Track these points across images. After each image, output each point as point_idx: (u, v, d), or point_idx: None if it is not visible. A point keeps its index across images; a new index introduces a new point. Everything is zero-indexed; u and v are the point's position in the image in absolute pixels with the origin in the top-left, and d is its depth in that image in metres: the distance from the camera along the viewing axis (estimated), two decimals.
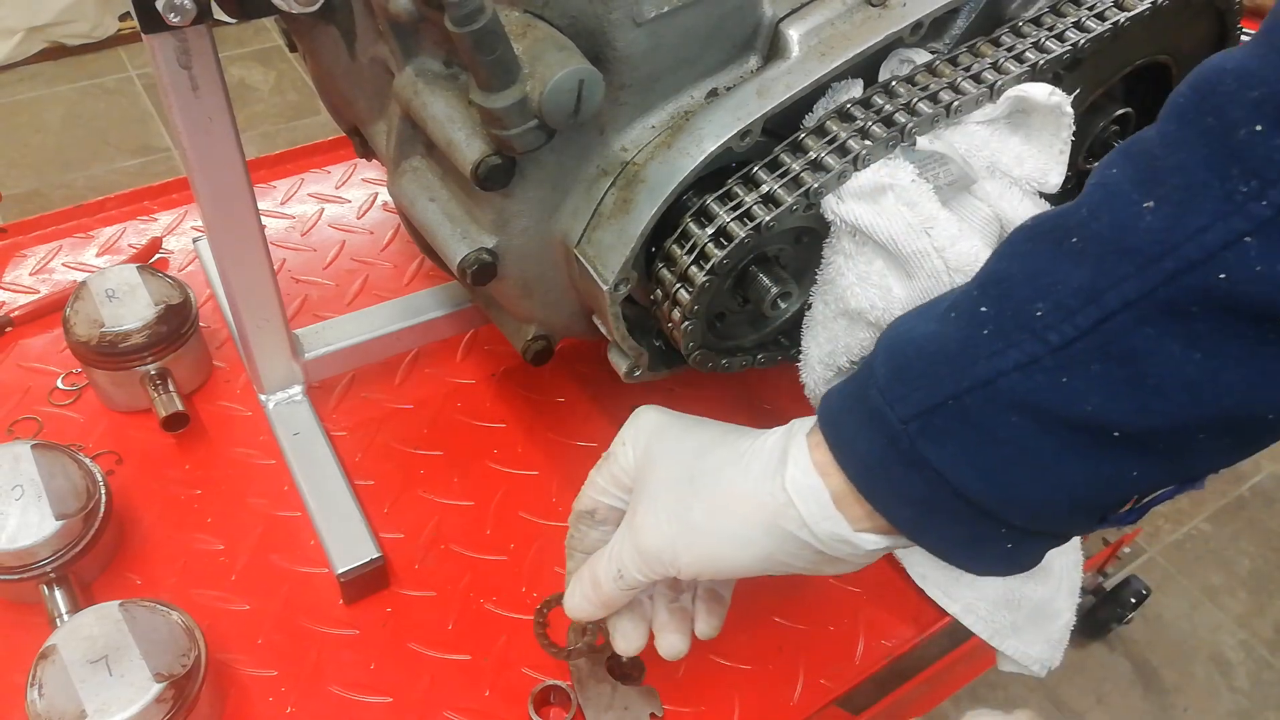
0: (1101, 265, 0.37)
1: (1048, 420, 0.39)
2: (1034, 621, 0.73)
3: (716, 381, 0.89)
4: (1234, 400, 0.37)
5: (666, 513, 0.51)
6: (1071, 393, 0.39)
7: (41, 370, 0.87)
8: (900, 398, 0.43)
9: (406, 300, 0.87)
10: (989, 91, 0.63)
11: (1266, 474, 1.99)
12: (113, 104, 2.69)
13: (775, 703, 0.70)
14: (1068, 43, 0.66)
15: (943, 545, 0.46)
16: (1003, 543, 0.44)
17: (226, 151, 0.64)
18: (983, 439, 0.41)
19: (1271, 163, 0.33)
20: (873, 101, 0.63)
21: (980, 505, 0.42)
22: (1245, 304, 0.35)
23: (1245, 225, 0.34)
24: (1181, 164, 0.36)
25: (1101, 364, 0.38)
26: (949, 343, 0.42)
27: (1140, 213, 0.37)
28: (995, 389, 0.40)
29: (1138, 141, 0.39)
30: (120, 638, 0.60)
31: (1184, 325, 0.36)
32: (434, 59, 0.62)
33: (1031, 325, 0.39)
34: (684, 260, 0.62)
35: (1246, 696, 1.66)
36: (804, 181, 0.60)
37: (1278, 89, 0.33)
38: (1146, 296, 0.36)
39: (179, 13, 0.52)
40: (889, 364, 0.44)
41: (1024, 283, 0.40)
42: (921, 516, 0.45)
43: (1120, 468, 0.40)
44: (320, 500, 0.75)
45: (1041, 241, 0.41)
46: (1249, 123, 0.34)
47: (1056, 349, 0.38)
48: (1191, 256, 0.35)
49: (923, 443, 0.42)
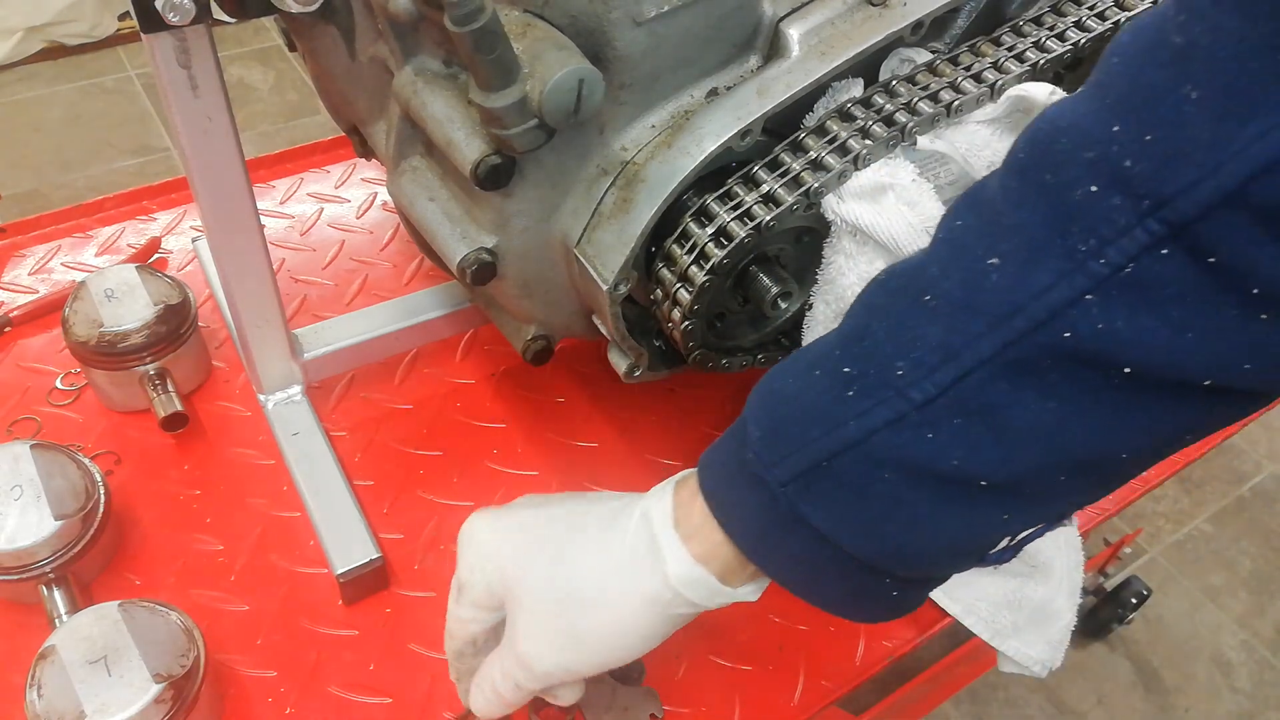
0: (955, 323, 0.39)
1: (918, 475, 0.40)
2: (1035, 622, 0.73)
3: (716, 381, 0.89)
4: (1090, 445, 0.39)
5: (551, 637, 0.51)
6: (938, 447, 0.40)
7: (40, 370, 0.87)
8: (776, 461, 0.44)
9: (406, 300, 0.87)
10: (990, 91, 0.63)
11: (1267, 474, 1.99)
12: (112, 104, 2.69)
13: (775, 703, 0.70)
14: (1068, 42, 0.66)
15: (832, 600, 0.47)
16: (888, 592, 0.45)
17: (226, 151, 0.64)
18: (859, 497, 0.42)
19: (1108, 221, 0.34)
20: (873, 101, 0.63)
21: (863, 560, 0.43)
22: (1091, 358, 0.36)
23: (1086, 283, 0.35)
24: (1023, 222, 0.37)
25: (963, 419, 0.39)
26: (818, 402, 0.43)
27: (987, 270, 0.38)
28: (866, 448, 0.41)
29: (982, 190, 0.41)
30: (119, 638, 0.60)
31: (1037, 379, 0.37)
32: (433, 58, 0.61)
33: (895, 383, 0.40)
34: (684, 260, 0.61)
35: (1248, 697, 1.66)
36: (804, 181, 0.60)
37: (1109, 150, 0.34)
38: (999, 354, 0.37)
39: (178, 12, 0.52)
40: (762, 425, 0.45)
41: (885, 341, 0.41)
42: (808, 576, 0.46)
43: (991, 514, 0.42)
44: (319, 500, 0.75)
45: (898, 297, 0.42)
46: (1085, 183, 0.35)
47: (920, 406, 0.39)
48: (1038, 316, 0.36)
49: (802, 505, 0.43)
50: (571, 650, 0.51)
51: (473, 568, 0.54)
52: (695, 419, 0.87)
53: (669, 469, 0.82)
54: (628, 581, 0.49)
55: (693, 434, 0.86)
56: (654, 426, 0.87)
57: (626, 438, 0.86)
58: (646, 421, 0.87)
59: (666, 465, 0.83)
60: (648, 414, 0.88)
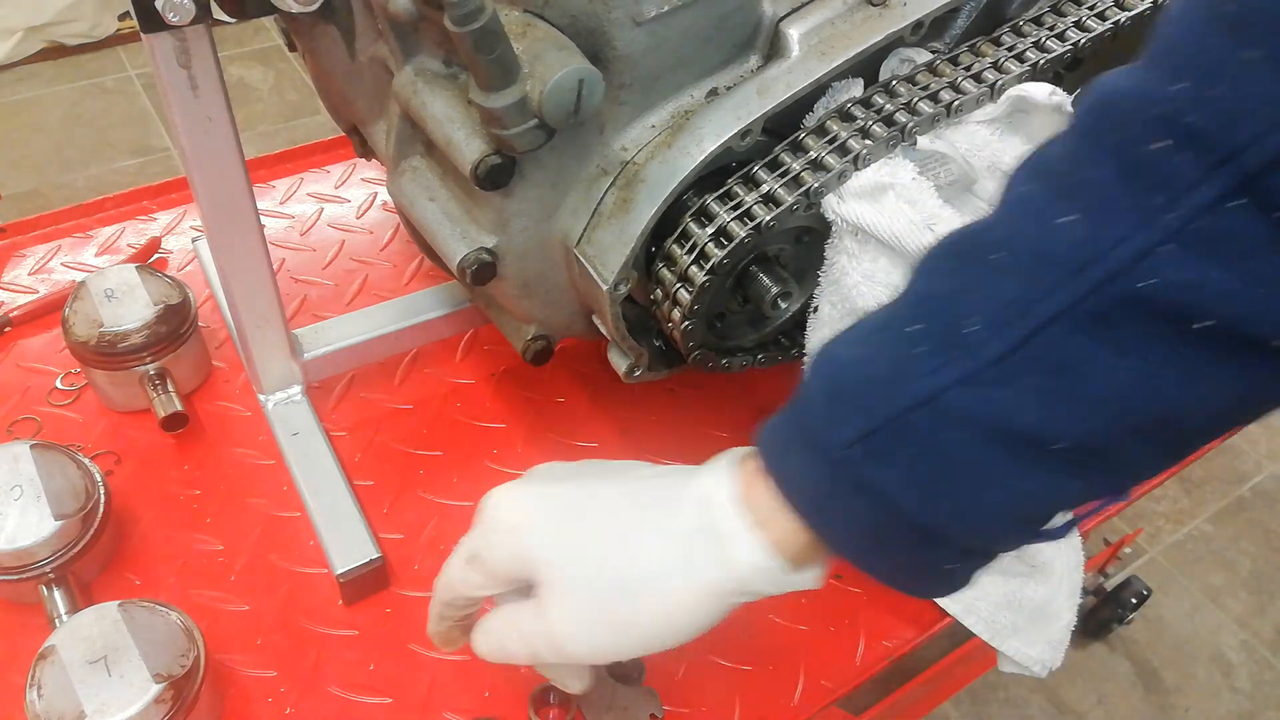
0: (1029, 278, 0.38)
1: (988, 434, 0.40)
2: (1035, 622, 0.73)
3: (716, 381, 0.89)
4: (1162, 405, 0.38)
5: (594, 623, 0.49)
6: (1010, 406, 0.39)
7: (40, 370, 0.87)
8: (839, 422, 0.43)
9: (406, 300, 0.87)
10: (990, 91, 0.63)
11: (1267, 474, 1.99)
12: (112, 104, 2.69)
13: (775, 703, 0.70)
14: (1069, 42, 0.66)
15: (890, 570, 0.46)
16: (944, 563, 0.45)
17: (226, 151, 0.64)
18: (926, 456, 0.41)
19: (1179, 174, 0.35)
20: (873, 101, 0.63)
21: (925, 524, 0.43)
22: (1166, 310, 0.36)
23: (1160, 235, 0.35)
24: (1093, 179, 0.37)
25: (1037, 376, 0.38)
26: (883, 364, 0.42)
27: (1059, 226, 0.38)
28: (936, 406, 0.40)
29: (1042, 158, 0.41)
30: (119, 638, 0.60)
31: (1112, 333, 0.37)
32: (433, 58, 0.61)
33: (966, 341, 0.39)
34: (684, 260, 0.62)
35: (1248, 697, 1.66)
36: (804, 181, 0.60)
37: (1174, 107, 0.35)
38: (1075, 305, 0.37)
39: (178, 12, 0.52)
40: (824, 390, 0.44)
41: (953, 300, 0.41)
42: (870, 545, 0.45)
43: (1059, 479, 0.41)
44: (319, 500, 0.75)
45: (964, 260, 0.42)
46: (1152, 139, 0.35)
47: (992, 363, 0.39)
48: (1113, 267, 0.36)
49: (867, 467, 0.42)
50: (614, 636, 0.49)
51: (497, 542, 0.52)
52: (695, 419, 0.87)
53: None
54: (686, 570, 0.47)
55: (693, 434, 0.86)
56: (654, 426, 0.87)
57: (626, 438, 0.86)
58: (646, 421, 0.87)
59: (666, 465, 0.83)
60: (648, 414, 0.88)
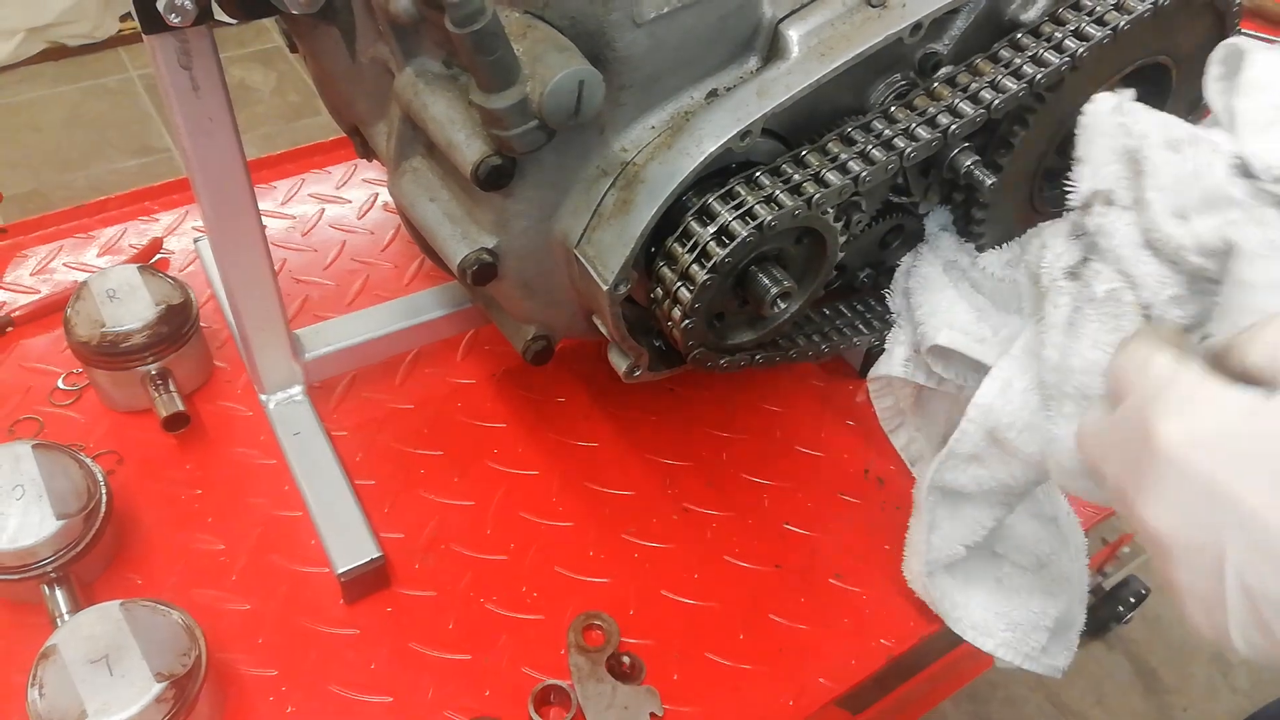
0: None
1: None
2: (1056, 635, 0.73)
3: (716, 381, 0.89)
4: None
5: None
6: None
7: (42, 370, 0.87)
8: None
9: (407, 300, 0.88)
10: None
11: None
12: (113, 104, 2.69)
13: (775, 703, 0.70)
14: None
15: None
16: None
17: (227, 152, 0.64)
18: None
19: None
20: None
21: None
22: None
23: None
24: None
25: None
26: None
27: None
28: None
29: None
30: (121, 637, 0.60)
31: None
32: (434, 59, 0.62)
33: None
34: (685, 259, 0.62)
35: (1246, 697, 1.66)
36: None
37: None
38: None
39: (180, 13, 0.52)
40: None
41: None
42: None
43: None
44: (320, 500, 0.76)
45: None
46: None
47: None
48: None
49: None
50: None
51: None
52: (695, 419, 0.87)
53: (669, 468, 0.82)
54: None
55: (693, 434, 0.86)
56: (654, 426, 0.87)
57: (626, 438, 0.86)
58: (646, 421, 0.87)
59: (667, 465, 0.83)
60: (648, 414, 0.88)
